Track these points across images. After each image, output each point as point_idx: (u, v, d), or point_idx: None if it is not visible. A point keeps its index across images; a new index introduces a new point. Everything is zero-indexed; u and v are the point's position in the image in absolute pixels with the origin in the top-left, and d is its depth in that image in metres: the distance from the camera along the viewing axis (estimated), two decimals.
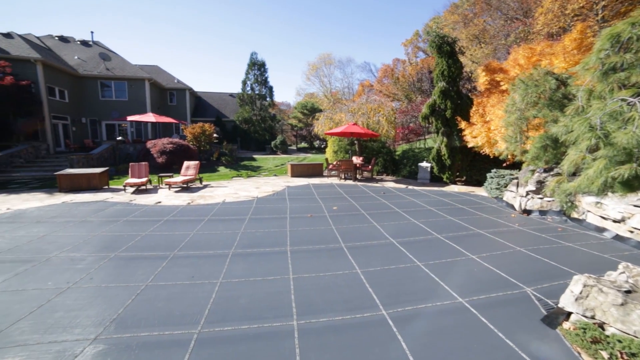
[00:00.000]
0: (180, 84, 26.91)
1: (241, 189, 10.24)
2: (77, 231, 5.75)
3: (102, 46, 25.35)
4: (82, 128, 21.37)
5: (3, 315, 3.06)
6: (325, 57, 42.99)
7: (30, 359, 2.46)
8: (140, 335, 2.74)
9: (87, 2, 79.86)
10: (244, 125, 28.15)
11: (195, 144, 16.98)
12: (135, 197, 8.98)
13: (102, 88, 22.14)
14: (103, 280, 3.81)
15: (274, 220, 6.48)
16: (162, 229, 5.87)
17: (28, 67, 17.27)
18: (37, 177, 13.22)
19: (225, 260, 4.38)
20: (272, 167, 17.11)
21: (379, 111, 15.49)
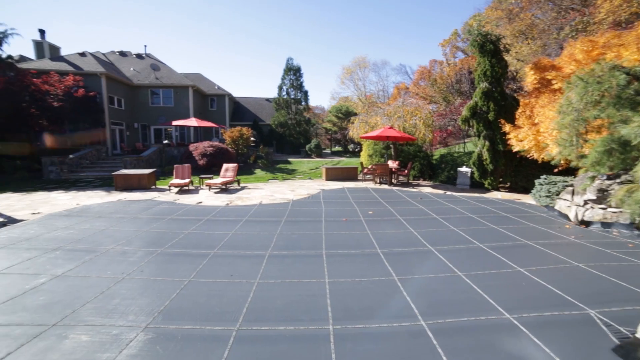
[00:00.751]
0: (220, 90, 28.33)
1: (277, 192, 10.49)
2: (129, 227, 6.26)
3: (153, 58, 27.55)
4: (134, 132, 23.33)
5: (75, 297, 3.48)
6: (360, 60, 42.80)
7: (94, 337, 2.73)
8: (184, 328, 2.90)
9: (142, 20, 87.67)
10: (280, 129, 28.88)
11: (233, 147, 17.74)
12: (179, 196, 9.59)
13: (152, 96, 24.04)
14: (151, 273, 4.09)
15: (310, 223, 6.54)
16: (203, 228, 6.18)
17: (95, 80, 19.33)
18: (99, 177, 14.66)
19: (262, 261, 4.49)
20: (306, 170, 17.33)
21: (416, 114, 15.06)
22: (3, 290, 3.67)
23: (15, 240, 5.47)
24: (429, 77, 31.60)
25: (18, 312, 3.19)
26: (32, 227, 6.27)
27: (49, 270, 4.19)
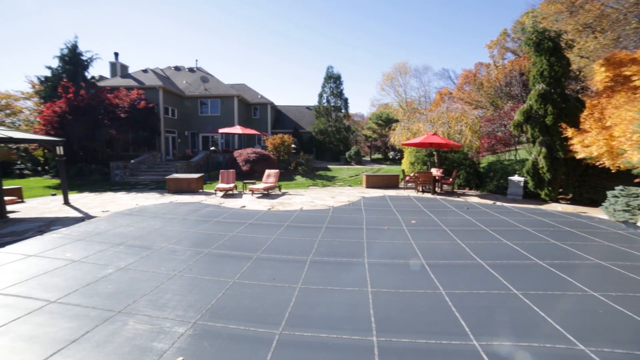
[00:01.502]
0: (263, 99, 29.57)
1: (317, 198, 10.57)
2: (179, 227, 6.71)
3: (203, 71, 29.70)
4: (185, 140, 25.21)
5: (135, 289, 3.82)
6: (400, 66, 42.00)
7: (150, 327, 2.94)
8: (229, 327, 2.99)
9: (194, 35, 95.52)
10: (320, 136, 29.25)
11: (275, 153, 18.32)
12: (224, 200, 10.10)
13: (201, 106, 25.87)
14: (199, 272, 4.32)
15: (351, 230, 6.47)
16: (247, 231, 6.41)
17: (154, 93, 21.40)
18: (154, 180, 16.03)
19: (304, 266, 4.51)
20: (346, 177, 17.28)
21: (462, 120, 14.30)
22: (83, 276, 4.21)
23: (90, 234, 6.18)
24: (474, 81, 29.94)
25: (93, 297, 3.60)
26: (102, 224, 7.02)
27: (115, 263, 4.64)
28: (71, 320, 3.14)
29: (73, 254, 5.04)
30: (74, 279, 4.10)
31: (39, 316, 3.23)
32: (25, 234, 6.35)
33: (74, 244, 5.57)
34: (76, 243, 5.64)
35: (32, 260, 4.83)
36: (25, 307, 3.41)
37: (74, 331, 2.95)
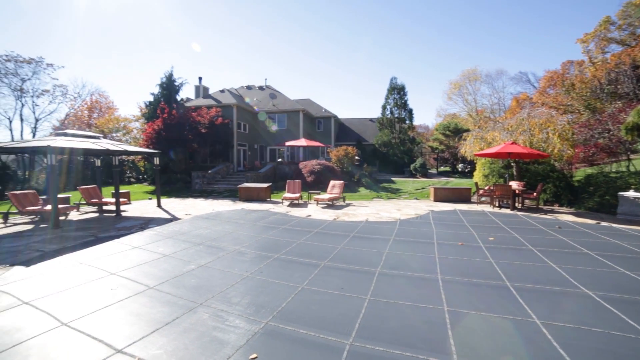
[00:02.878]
0: (327, 113, 30.41)
1: (382, 210, 10.29)
2: (250, 232, 7.15)
3: (271, 88, 32.00)
4: (254, 152, 27.23)
5: (214, 285, 4.15)
6: (469, 73, 39.23)
7: (227, 322, 3.12)
8: (299, 332, 3.00)
9: (265, 56, 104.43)
10: (383, 148, 28.73)
11: (338, 165, 18.53)
12: (290, 209, 10.50)
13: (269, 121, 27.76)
14: (269, 275, 4.49)
15: (420, 244, 6.08)
16: (313, 239, 6.51)
17: (229, 110, 23.80)
18: (227, 189, 17.58)
19: (372, 277, 4.36)
20: (412, 190, 16.52)
21: (547, 126, 12.51)
22: (172, 268, 4.76)
23: (176, 233, 7.00)
24: (561, 83, 26.20)
25: (180, 288, 4.01)
26: (185, 225, 7.90)
27: (196, 260, 5.13)
28: (164, 305, 3.54)
29: (164, 249, 5.75)
30: (165, 271, 4.64)
31: (142, 298, 3.73)
32: (132, 229, 7.52)
33: (164, 241, 6.36)
34: (166, 240, 6.43)
35: (136, 251, 5.66)
36: (133, 288, 4.00)
37: (167, 315, 3.31)
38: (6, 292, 4.01)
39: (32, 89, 30.49)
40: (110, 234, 7.19)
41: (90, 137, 10.48)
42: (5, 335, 2.98)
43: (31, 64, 29.53)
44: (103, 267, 4.84)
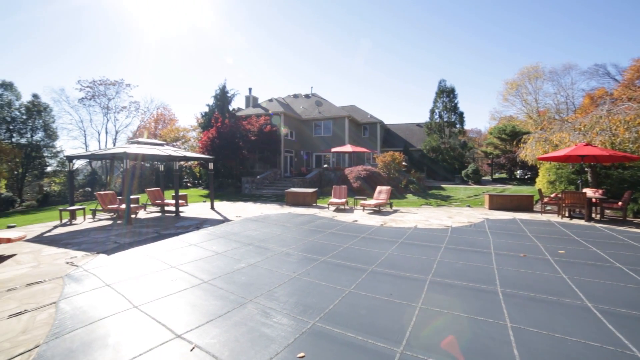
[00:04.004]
0: (372, 119, 30.06)
1: (432, 217, 9.76)
2: (297, 235, 7.25)
3: (317, 96, 32.64)
4: (300, 158, 27.87)
5: (263, 283, 4.27)
6: (529, 70, 35.49)
7: (276, 319, 3.16)
8: (347, 335, 2.92)
9: (311, 64, 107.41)
10: (432, 153, 27.48)
11: (385, 171, 18.12)
12: (336, 214, 10.47)
13: (314, 128, 28.27)
14: (316, 277, 4.47)
15: (475, 253, 5.61)
16: (360, 244, 6.38)
17: (276, 118, 24.82)
18: (274, 194, 18.20)
19: (423, 285, 4.11)
20: (463, 197, 15.47)
21: (636, 124, 10.79)
22: (224, 265, 5.01)
23: (228, 233, 7.39)
24: None
25: (231, 284, 4.19)
26: (236, 226, 8.31)
27: (246, 259, 5.33)
28: (217, 299, 3.71)
29: (217, 248, 6.09)
30: (218, 267, 4.90)
31: (198, 290, 3.97)
32: (189, 229, 8.12)
33: (217, 240, 6.74)
34: (219, 239, 6.81)
35: (192, 248, 6.09)
36: (190, 281, 4.28)
37: (219, 308, 3.47)
38: (95, 274, 4.64)
39: (114, 106, 35.16)
40: (170, 231, 7.84)
41: (156, 145, 11.67)
42: (94, 310, 3.48)
43: (115, 85, 34.14)
44: (165, 260, 5.27)
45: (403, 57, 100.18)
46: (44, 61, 55.45)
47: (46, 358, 2.62)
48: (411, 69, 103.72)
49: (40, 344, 2.83)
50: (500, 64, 79.70)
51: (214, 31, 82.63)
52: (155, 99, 56.64)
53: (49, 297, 3.86)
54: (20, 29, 48.79)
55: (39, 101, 26.46)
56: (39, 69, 54.16)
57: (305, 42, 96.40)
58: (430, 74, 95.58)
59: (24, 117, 25.23)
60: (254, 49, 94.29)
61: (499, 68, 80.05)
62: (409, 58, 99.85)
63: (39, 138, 26.00)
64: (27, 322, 3.23)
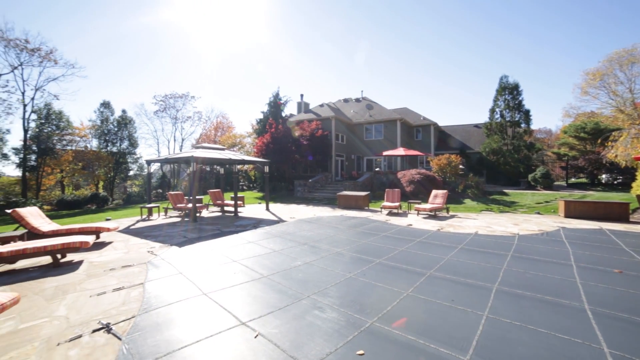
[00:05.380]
0: (426, 121, 28.78)
1: (494, 223, 8.98)
2: (350, 237, 7.25)
3: (367, 100, 32.37)
4: (351, 162, 27.83)
5: (320, 280, 4.37)
6: (620, 56, 29.86)
7: (334, 314, 3.21)
8: (407, 337, 2.84)
9: (359, 75, 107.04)
10: (492, 156, 25.28)
11: (440, 175, 17.20)
12: (389, 218, 10.23)
13: (365, 131, 28.02)
14: (372, 278, 4.42)
15: (550, 264, 5.02)
16: (416, 248, 6.15)
17: (327, 123, 25.20)
18: (326, 197, 18.45)
19: (489, 294, 3.80)
20: (531, 203, 13.91)
21: None
22: (281, 262, 5.24)
23: (283, 233, 7.70)
24: None
25: (289, 280, 4.36)
26: (290, 226, 8.61)
27: (302, 257, 5.49)
28: (276, 293, 3.90)
29: (274, 246, 6.38)
30: (276, 264, 5.13)
31: (258, 284, 4.21)
32: (247, 227, 8.66)
33: (274, 239, 7.06)
34: (275, 238, 7.13)
35: (251, 245, 6.47)
36: (251, 275, 4.55)
37: (278, 301, 3.63)
38: (170, 263, 5.22)
39: (181, 116, 39.18)
40: (230, 229, 8.44)
41: (217, 149, 12.71)
42: (172, 293, 3.92)
43: (182, 98, 38.09)
44: (227, 255, 5.70)
45: (460, 55, 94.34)
46: (128, 78, 64.28)
47: (140, 327, 3.06)
48: (469, 67, 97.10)
49: (135, 315, 3.30)
50: (576, 54, 70.34)
51: (268, 44, 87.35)
52: (215, 108, 61.81)
53: (138, 278, 4.46)
54: (108, 51, 57.32)
55: (126, 115, 30.71)
56: (125, 86, 63.03)
57: (355, 46, 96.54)
58: (490, 70, 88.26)
59: (115, 129, 29.51)
60: (305, 57, 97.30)
61: (573, 60, 70.65)
62: (467, 55, 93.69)
63: (125, 146, 30.11)
64: (124, 296, 3.81)
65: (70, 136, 26.42)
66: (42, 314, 3.42)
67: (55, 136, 24.45)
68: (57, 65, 23.75)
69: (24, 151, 22.50)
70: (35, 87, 23.30)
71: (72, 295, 3.90)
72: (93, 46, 51.94)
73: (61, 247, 5.14)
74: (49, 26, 42.99)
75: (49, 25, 42.63)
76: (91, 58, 53.13)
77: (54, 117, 24.43)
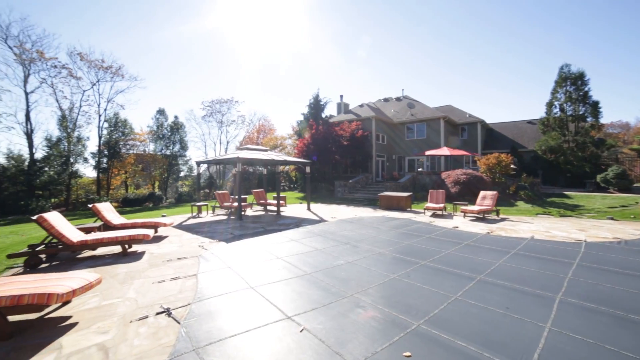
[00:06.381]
0: (472, 118, 27.08)
1: (554, 228, 8.15)
2: (392, 237, 7.08)
3: (409, 98, 31.36)
4: (392, 163, 27.18)
5: (362, 280, 4.35)
6: None
7: (376, 314, 3.17)
8: (457, 343, 2.70)
9: (401, 68, 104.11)
10: (549, 154, 22.94)
11: (488, 175, 16.06)
12: (433, 219, 9.81)
13: (407, 131, 27.16)
14: (417, 280, 4.28)
15: (627, 277, 4.42)
16: (463, 251, 5.82)
17: (367, 123, 24.92)
18: (366, 198, 18.24)
19: (551, 304, 3.47)
20: (600, 207, 12.37)
21: None
22: (323, 260, 5.29)
23: (325, 232, 7.78)
24: None
25: (332, 278, 4.40)
26: (332, 226, 8.66)
27: (344, 257, 5.50)
28: (320, 290, 3.95)
29: (316, 244, 6.47)
30: (318, 262, 5.19)
31: (302, 280, 4.31)
32: (289, 226, 8.89)
33: (315, 238, 7.16)
34: (317, 237, 7.22)
35: (294, 243, 6.63)
36: (294, 272, 4.67)
37: (322, 298, 3.68)
38: (218, 257, 5.56)
39: (226, 120, 41.46)
40: (274, 227, 8.73)
41: (261, 150, 13.23)
42: (221, 284, 4.18)
43: (227, 103, 40.31)
44: (271, 251, 5.90)
45: (512, 44, 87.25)
46: (179, 85, 69.73)
47: (195, 314, 3.31)
48: (524, 56, 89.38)
49: (191, 303, 3.58)
50: None
51: (308, 47, 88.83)
52: (257, 111, 64.31)
53: (191, 269, 4.83)
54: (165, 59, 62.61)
55: (178, 120, 33.39)
56: (179, 93, 68.55)
57: (395, 46, 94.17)
58: (549, 60, 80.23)
59: (169, 133, 32.24)
60: (345, 58, 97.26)
61: None
62: (522, 43, 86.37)
63: (177, 149, 32.73)
64: (181, 285, 4.15)
65: (132, 141, 29.43)
66: (117, 294, 3.89)
67: (121, 141, 27.49)
68: (123, 79, 26.83)
69: (99, 155, 25.60)
70: (107, 99, 26.47)
71: (138, 281, 4.34)
72: (147, 55, 57.26)
73: (128, 239, 5.76)
74: (104, 41, 48.39)
75: (104, 40, 48.00)
76: (146, 68, 58.55)
77: (120, 124, 27.49)
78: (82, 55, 24.54)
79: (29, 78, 22.25)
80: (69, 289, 3.06)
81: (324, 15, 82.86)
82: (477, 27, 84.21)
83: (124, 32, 51.04)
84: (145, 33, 53.70)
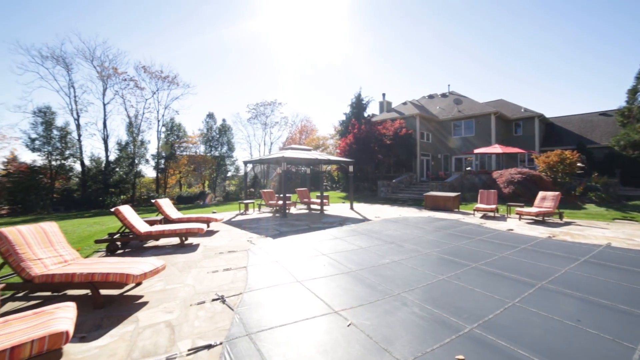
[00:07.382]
0: (528, 112, 24.71)
1: (637, 235, 7.12)
2: (439, 238, 6.78)
3: (455, 94, 29.65)
4: (438, 162, 25.94)
5: (409, 280, 4.24)
6: None
7: (426, 315, 3.07)
8: (517, 351, 2.51)
9: (447, 65, 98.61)
10: (630, 151, 20.06)
11: (549, 174, 14.55)
12: (484, 221, 9.18)
13: (454, 128, 25.71)
14: (467, 282, 4.06)
15: None
16: (520, 255, 5.38)
17: (411, 121, 24.12)
18: (411, 198, 17.68)
19: (634, 321, 3.06)
20: None
21: None
22: (369, 259, 5.27)
23: (369, 231, 7.72)
24: None
25: (378, 276, 4.36)
26: (376, 225, 8.55)
27: (389, 256, 5.40)
28: (365, 287, 3.94)
29: (360, 243, 6.44)
30: (363, 260, 5.17)
31: (346, 277, 4.33)
32: (333, 224, 8.97)
33: (360, 236, 7.12)
34: (361, 236, 7.18)
35: (338, 241, 6.68)
36: (339, 269, 4.71)
37: (368, 295, 3.66)
38: (266, 252, 5.83)
39: (270, 122, 43.04)
40: (318, 225, 8.86)
41: (304, 150, 13.51)
42: (270, 277, 4.38)
43: (271, 105, 41.83)
44: (316, 248, 6.01)
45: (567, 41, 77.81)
46: (226, 88, 74.01)
47: (247, 303, 3.51)
48: (591, 37, 79.17)
49: (242, 292, 3.81)
50: None
51: (350, 46, 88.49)
52: (300, 113, 65.53)
53: (241, 262, 5.12)
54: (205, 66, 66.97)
55: (225, 123, 35.51)
56: (227, 98, 72.91)
57: (442, 40, 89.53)
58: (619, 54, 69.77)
59: (217, 136, 34.45)
60: (388, 57, 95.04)
61: None
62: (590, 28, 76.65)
63: (224, 151, 34.83)
64: (233, 276, 4.43)
65: (186, 143, 31.97)
66: (178, 280, 4.28)
67: (176, 144, 30.07)
68: (178, 87, 29.35)
69: (157, 157, 28.31)
70: (164, 106, 29.15)
71: (194, 270, 4.73)
72: (198, 62, 61.59)
73: (185, 232, 6.29)
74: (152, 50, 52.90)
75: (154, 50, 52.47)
76: (194, 74, 63.08)
77: (175, 128, 30.08)
78: (145, 68, 27.38)
79: (106, 91, 25.70)
80: (141, 271, 3.48)
81: (365, 16, 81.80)
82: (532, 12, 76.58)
83: (181, 43, 55.62)
84: (201, 43, 57.98)
